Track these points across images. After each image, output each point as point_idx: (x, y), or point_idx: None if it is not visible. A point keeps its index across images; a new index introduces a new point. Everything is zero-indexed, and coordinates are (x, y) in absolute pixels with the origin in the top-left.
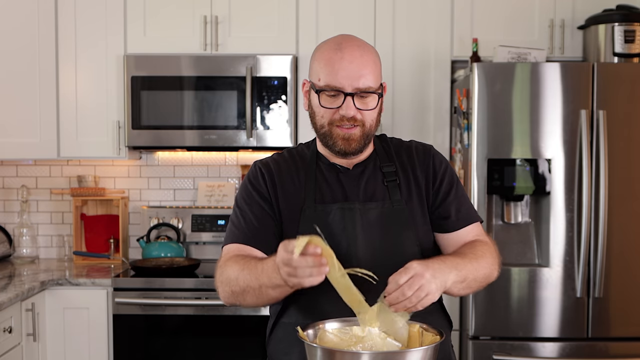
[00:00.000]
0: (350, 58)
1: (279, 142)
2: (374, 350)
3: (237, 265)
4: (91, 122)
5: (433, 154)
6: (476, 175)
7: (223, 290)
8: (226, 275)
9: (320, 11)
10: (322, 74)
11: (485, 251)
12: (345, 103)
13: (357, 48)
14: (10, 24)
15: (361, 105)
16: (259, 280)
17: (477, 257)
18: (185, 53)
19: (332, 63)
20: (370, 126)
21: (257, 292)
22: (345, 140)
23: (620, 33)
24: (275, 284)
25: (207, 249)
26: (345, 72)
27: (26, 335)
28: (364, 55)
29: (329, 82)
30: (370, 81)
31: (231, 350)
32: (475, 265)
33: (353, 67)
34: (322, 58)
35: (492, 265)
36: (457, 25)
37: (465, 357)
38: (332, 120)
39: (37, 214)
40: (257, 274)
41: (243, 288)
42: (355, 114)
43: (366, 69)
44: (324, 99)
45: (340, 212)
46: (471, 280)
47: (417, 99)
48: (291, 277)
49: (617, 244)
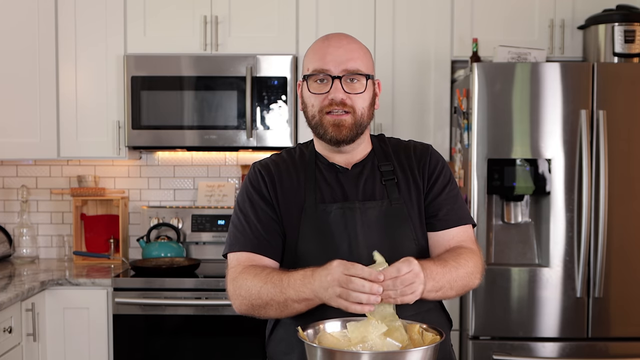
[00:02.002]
0: (338, 44)
1: (279, 142)
2: (374, 350)
3: (257, 278)
4: (91, 122)
5: (430, 152)
6: (476, 175)
7: (241, 303)
8: (246, 289)
9: (320, 11)
10: (310, 62)
11: (468, 259)
12: (333, 86)
13: (344, 37)
14: (10, 24)
15: (349, 89)
16: (285, 294)
17: (458, 267)
18: (185, 53)
19: (320, 50)
20: (361, 114)
21: (282, 305)
22: (335, 127)
23: (620, 33)
24: (303, 297)
25: (207, 249)
26: (332, 56)
27: (26, 335)
28: (351, 43)
29: (317, 66)
30: (358, 65)
31: (231, 351)
32: (454, 275)
33: (340, 51)
34: (311, 50)
35: (471, 275)
36: (457, 25)
37: (465, 357)
38: (321, 107)
39: (37, 214)
40: (282, 287)
41: (266, 302)
42: (344, 98)
43: (354, 53)
44: (312, 85)
45: (340, 212)
46: (447, 289)
47: (417, 99)
48: (341, 299)
49: (617, 243)
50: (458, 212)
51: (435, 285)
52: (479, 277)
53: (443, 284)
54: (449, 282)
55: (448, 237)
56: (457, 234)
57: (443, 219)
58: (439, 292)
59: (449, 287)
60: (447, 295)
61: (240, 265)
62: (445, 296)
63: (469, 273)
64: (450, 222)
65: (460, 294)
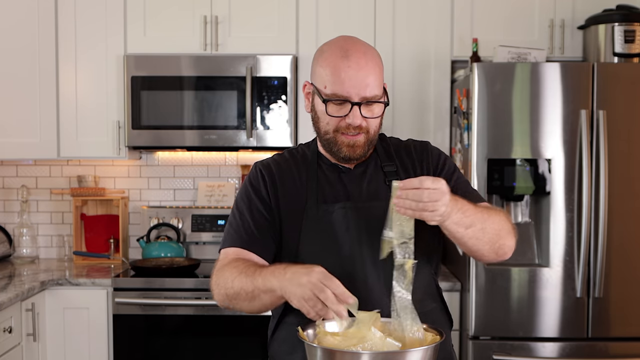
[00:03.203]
0: (357, 67)
1: (279, 142)
2: (374, 350)
3: (235, 269)
4: (91, 122)
5: (429, 149)
6: (476, 175)
7: (218, 292)
8: (223, 279)
9: (320, 11)
10: (329, 82)
11: (500, 214)
12: (352, 112)
13: (362, 55)
14: (10, 24)
15: (367, 114)
16: (253, 284)
17: (490, 214)
18: (185, 53)
19: (339, 71)
20: (374, 132)
21: (250, 295)
22: (350, 147)
23: (620, 33)
24: (268, 287)
25: (207, 249)
26: (352, 82)
27: (26, 335)
28: (369, 62)
29: (336, 91)
30: (376, 89)
31: (231, 351)
32: (485, 216)
33: (360, 75)
34: (328, 65)
35: (504, 229)
36: (457, 25)
37: (465, 357)
38: (337, 127)
39: (37, 214)
40: (253, 277)
41: (237, 291)
42: (361, 122)
43: (372, 76)
44: (330, 107)
45: (342, 212)
46: (478, 230)
47: (417, 99)
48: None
49: (617, 243)
50: (474, 195)
51: (465, 221)
52: (512, 236)
53: (473, 221)
54: (480, 221)
55: None
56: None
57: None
58: (469, 229)
59: (481, 228)
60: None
61: (227, 258)
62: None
63: (502, 223)
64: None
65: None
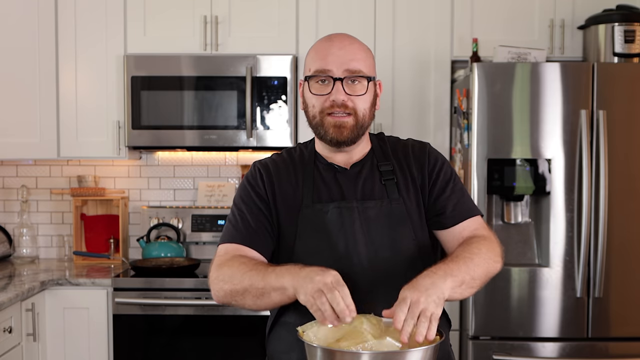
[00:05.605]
0: (340, 45)
1: (279, 142)
2: (374, 350)
3: (243, 265)
4: (91, 122)
5: (429, 150)
6: (476, 175)
7: (220, 288)
8: (229, 274)
9: (320, 11)
10: (312, 63)
11: (480, 247)
12: (334, 88)
13: (346, 37)
14: (10, 24)
15: (350, 91)
16: (265, 280)
17: (472, 256)
18: (185, 53)
19: (322, 50)
20: (363, 115)
21: (260, 292)
22: (337, 128)
23: (620, 33)
24: (280, 285)
25: (207, 249)
26: (334, 57)
27: (26, 335)
28: (354, 44)
29: (318, 67)
30: (360, 66)
31: (231, 350)
32: (470, 265)
33: (342, 52)
34: (313, 49)
35: (489, 260)
36: (457, 25)
37: (465, 357)
38: (323, 108)
39: (37, 214)
40: (265, 273)
41: (246, 287)
42: (345, 100)
43: (356, 54)
44: (314, 86)
45: (337, 211)
46: (469, 281)
47: (417, 99)
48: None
49: (617, 243)
50: (465, 206)
51: (455, 280)
52: (498, 260)
53: (463, 277)
54: (468, 272)
55: (460, 230)
56: (468, 225)
57: (451, 215)
58: (462, 286)
59: (471, 278)
60: (472, 286)
61: (228, 254)
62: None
63: (485, 259)
64: (459, 217)
65: (485, 282)
